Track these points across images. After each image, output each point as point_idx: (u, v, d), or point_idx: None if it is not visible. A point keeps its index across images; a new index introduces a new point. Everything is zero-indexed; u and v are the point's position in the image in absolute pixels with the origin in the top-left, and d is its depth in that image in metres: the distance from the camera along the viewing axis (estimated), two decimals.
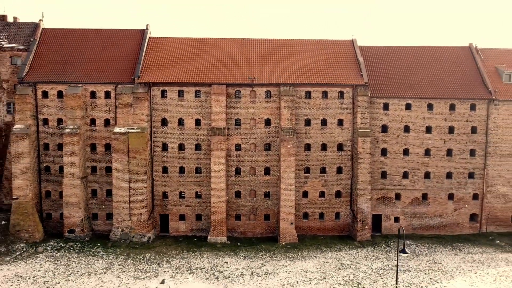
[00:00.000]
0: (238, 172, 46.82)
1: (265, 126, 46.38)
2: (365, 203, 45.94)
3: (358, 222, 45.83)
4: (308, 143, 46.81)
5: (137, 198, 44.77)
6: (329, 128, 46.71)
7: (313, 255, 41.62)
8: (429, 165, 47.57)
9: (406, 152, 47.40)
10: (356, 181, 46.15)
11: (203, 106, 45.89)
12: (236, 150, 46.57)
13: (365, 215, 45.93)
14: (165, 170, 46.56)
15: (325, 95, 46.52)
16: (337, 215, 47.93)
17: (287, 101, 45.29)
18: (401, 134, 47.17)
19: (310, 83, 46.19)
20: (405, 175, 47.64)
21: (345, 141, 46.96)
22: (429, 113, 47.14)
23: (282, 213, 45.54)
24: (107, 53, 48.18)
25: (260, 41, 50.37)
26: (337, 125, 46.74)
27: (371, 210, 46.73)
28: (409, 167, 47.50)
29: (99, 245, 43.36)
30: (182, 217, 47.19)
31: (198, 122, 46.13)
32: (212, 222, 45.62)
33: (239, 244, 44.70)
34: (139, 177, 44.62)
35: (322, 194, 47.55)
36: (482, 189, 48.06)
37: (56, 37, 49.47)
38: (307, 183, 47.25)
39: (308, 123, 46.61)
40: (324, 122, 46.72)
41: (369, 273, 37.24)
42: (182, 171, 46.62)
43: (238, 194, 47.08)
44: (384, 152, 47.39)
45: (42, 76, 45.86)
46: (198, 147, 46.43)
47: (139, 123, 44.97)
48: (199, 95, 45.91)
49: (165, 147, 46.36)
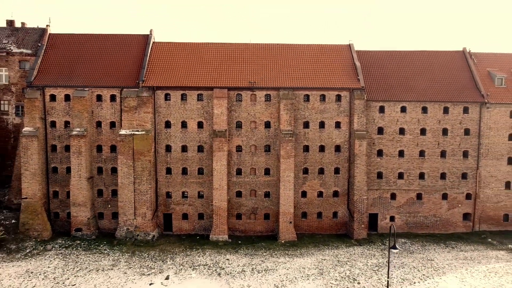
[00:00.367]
0: (239, 172, 48.43)
1: (265, 128, 47.98)
2: (361, 202, 47.55)
3: (355, 221, 47.45)
4: (307, 144, 48.43)
5: (141, 198, 46.41)
6: (327, 130, 48.32)
7: (311, 252, 43.26)
8: (423, 166, 49.19)
9: (401, 154, 49.02)
10: (353, 181, 47.75)
11: (205, 109, 47.51)
12: (237, 152, 48.18)
13: (362, 214, 47.56)
14: (169, 171, 48.18)
15: (323, 98, 48.12)
16: (335, 214, 49.54)
17: (286, 104, 46.91)
18: (396, 136, 48.77)
19: (308, 87, 47.79)
20: (400, 175, 49.26)
21: (342, 142, 48.57)
22: (424, 115, 48.74)
23: (281, 212, 47.17)
24: (112, 57, 49.69)
25: (260, 45, 51.91)
26: (335, 128, 48.35)
27: (367, 210, 48.36)
28: (404, 168, 49.12)
29: (105, 243, 45.00)
30: (185, 216, 48.82)
31: (200, 124, 47.72)
32: (214, 221, 47.25)
33: (240, 242, 46.34)
34: (143, 177, 46.25)
35: (320, 194, 49.18)
36: (474, 189, 49.66)
37: (62, 42, 50.96)
38: (305, 183, 48.88)
39: (306, 125, 48.21)
40: (322, 125, 48.32)
41: (364, 269, 38.91)
42: (185, 171, 48.25)
43: (239, 194, 48.69)
44: (380, 153, 49.01)
45: (50, 80, 47.39)
46: (201, 149, 48.05)
47: (144, 125, 46.59)
48: (202, 99, 47.52)
49: (168, 148, 47.98)
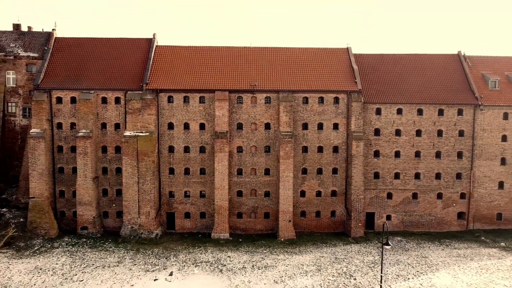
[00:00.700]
0: (240, 172, 49.86)
1: (265, 129, 49.40)
2: (358, 202, 48.98)
3: (352, 219, 48.90)
4: (306, 145, 49.86)
5: (145, 197, 47.85)
6: (325, 131, 49.74)
7: (310, 250, 44.72)
8: (419, 166, 50.60)
9: (397, 154, 50.44)
10: (351, 181, 49.19)
11: (207, 111, 48.93)
12: (238, 152, 49.60)
13: (359, 213, 48.99)
14: (172, 171, 49.63)
15: (321, 100, 49.52)
16: (333, 213, 50.97)
17: (285, 106, 48.32)
18: (392, 137, 50.19)
19: (307, 90, 49.21)
20: (396, 175, 50.68)
21: (340, 144, 49.99)
22: (419, 117, 50.12)
23: (281, 211, 48.61)
24: (117, 61, 51.04)
25: (260, 49, 53.31)
26: (333, 129, 49.76)
27: (364, 209, 49.80)
28: (400, 168, 50.53)
29: (110, 241, 46.47)
30: (187, 215, 50.28)
31: (202, 126, 49.14)
32: (216, 219, 48.69)
33: (240, 240, 47.79)
34: (147, 177, 47.69)
35: (319, 194, 50.61)
36: (469, 189, 51.08)
37: (68, 45, 52.31)
38: (304, 183, 50.31)
39: (305, 127, 49.64)
40: (321, 126, 49.73)
41: (360, 266, 40.37)
42: (187, 172, 49.70)
43: (240, 194, 50.13)
44: (376, 154, 50.43)
45: (56, 83, 48.77)
46: (203, 150, 49.47)
47: (147, 127, 48.02)
48: (203, 101, 48.92)
49: (171, 149, 49.41)
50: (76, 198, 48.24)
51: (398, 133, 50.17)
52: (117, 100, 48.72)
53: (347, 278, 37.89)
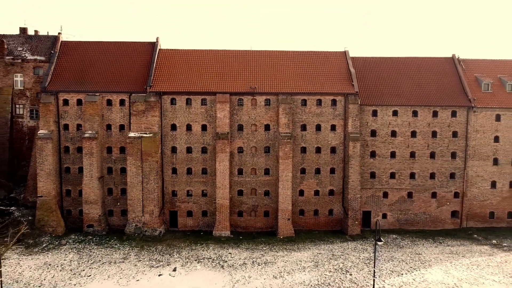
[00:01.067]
0: (241, 172, 51.45)
1: (265, 131, 50.99)
2: (355, 200, 50.59)
3: (349, 218, 50.49)
4: (304, 146, 51.45)
5: (149, 196, 49.47)
6: (323, 132, 51.32)
7: (308, 247, 46.35)
8: (414, 166, 52.17)
9: (393, 155, 52.01)
10: (348, 181, 50.77)
11: (208, 112, 50.50)
12: (238, 153, 51.18)
13: (356, 211, 50.61)
14: (174, 171, 51.22)
15: (319, 102, 51.10)
16: (330, 212, 52.59)
17: (284, 108, 49.90)
18: (388, 138, 51.75)
19: (305, 92, 50.79)
20: (392, 175, 52.26)
21: (337, 144, 51.57)
22: (414, 119, 51.69)
23: (280, 209, 50.20)
24: (121, 64, 52.57)
25: (260, 52, 54.79)
26: (330, 130, 51.34)
27: (361, 207, 51.39)
28: (395, 168, 52.11)
29: (115, 238, 48.11)
30: (190, 213, 51.88)
31: (204, 127, 50.72)
32: (217, 218, 50.30)
33: (241, 237, 49.43)
34: (151, 177, 49.28)
35: (317, 193, 52.20)
36: (462, 188, 52.67)
37: (74, 49, 53.80)
38: (303, 183, 51.90)
39: (304, 128, 51.22)
40: (319, 127, 51.32)
41: (356, 262, 42.01)
42: (189, 171, 51.29)
43: (241, 193, 51.72)
44: (373, 154, 51.99)
45: (63, 86, 50.33)
46: (204, 150, 51.04)
47: (151, 128, 49.61)
48: (205, 103, 50.49)
49: (174, 150, 50.98)
50: (82, 197, 49.88)
51: (393, 134, 51.72)
52: (122, 102, 50.24)
53: (343, 273, 39.52)
